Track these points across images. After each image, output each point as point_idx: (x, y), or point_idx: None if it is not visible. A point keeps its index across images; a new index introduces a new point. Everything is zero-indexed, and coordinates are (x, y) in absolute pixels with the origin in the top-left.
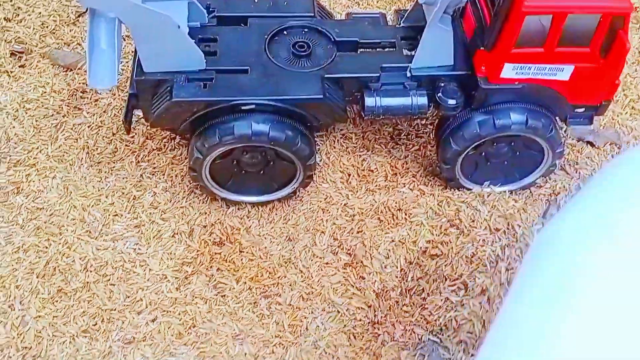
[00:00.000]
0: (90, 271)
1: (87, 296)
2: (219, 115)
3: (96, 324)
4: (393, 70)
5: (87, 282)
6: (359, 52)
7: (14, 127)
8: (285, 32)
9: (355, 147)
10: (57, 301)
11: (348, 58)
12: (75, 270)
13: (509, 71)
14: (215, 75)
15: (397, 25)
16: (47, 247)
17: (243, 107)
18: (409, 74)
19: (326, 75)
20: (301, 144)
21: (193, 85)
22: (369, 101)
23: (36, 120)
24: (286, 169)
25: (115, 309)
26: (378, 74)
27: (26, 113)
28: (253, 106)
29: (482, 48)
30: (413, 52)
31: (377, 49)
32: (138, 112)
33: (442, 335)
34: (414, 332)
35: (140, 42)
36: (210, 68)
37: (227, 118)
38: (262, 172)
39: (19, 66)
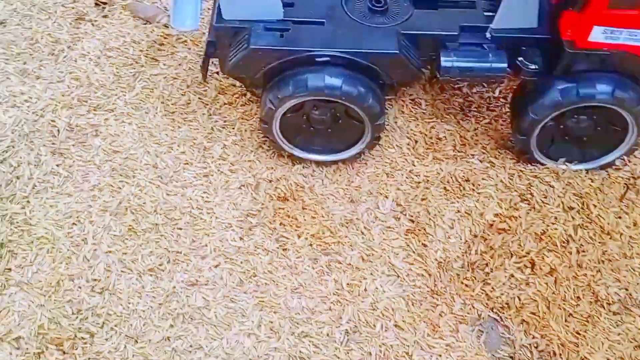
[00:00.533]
0: (160, 214)
1: (155, 237)
2: (293, 66)
3: (162, 264)
4: (472, 30)
5: (156, 224)
6: (437, 10)
7: (95, 72)
8: None
9: (424, 113)
10: (127, 239)
11: (426, 15)
12: (146, 212)
13: (598, 35)
14: (292, 25)
15: None
16: (120, 188)
17: (317, 59)
18: (488, 35)
19: (402, 32)
20: (372, 101)
21: (270, 34)
22: (446, 61)
23: (116, 68)
24: (354, 128)
25: (181, 252)
26: (456, 33)
27: (107, 60)
28: (328, 58)
29: (570, 8)
30: (494, 13)
31: (456, 8)
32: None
33: (503, 313)
34: (474, 307)
35: None
36: (287, 19)
37: (301, 70)
38: (329, 130)
39: (102, 16)
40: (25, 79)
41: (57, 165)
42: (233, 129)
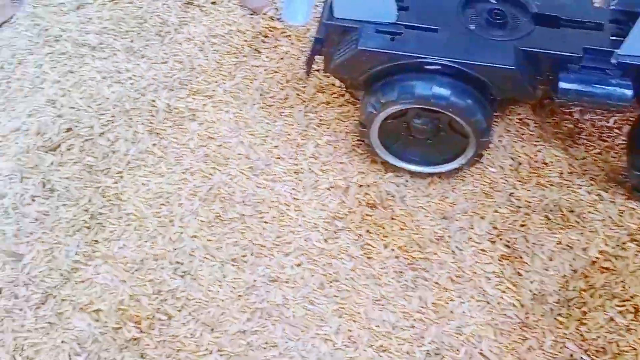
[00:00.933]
0: (248, 205)
1: (241, 228)
2: (401, 71)
3: (245, 255)
4: (596, 54)
5: (243, 215)
6: (559, 29)
7: (198, 58)
8: None
9: (531, 135)
10: (213, 226)
11: (547, 33)
12: (234, 201)
13: None
14: (404, 30)
15: (606, 7)
16: (211, 175)
17: (427, 67)
18: (614, 60)
19: (521, 47)
20: (480, 116)
21: (381, 37)
22: (564, 83)
23: (219, 56)
24: (456, 142)
25: (265, 246)
26: (579, 55)
27: (211, 47)
28: (439, 67)
29: None
30: (622, 38)
31: (580, 29)
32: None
33: (598, 357)
34: (566, 347)
35: None
36: (400, 22)
37: (408, 76)
38: (430, 140)
39: (211, 2)
40: (131, 57)
41: (153, 145)
42: (328, 128)
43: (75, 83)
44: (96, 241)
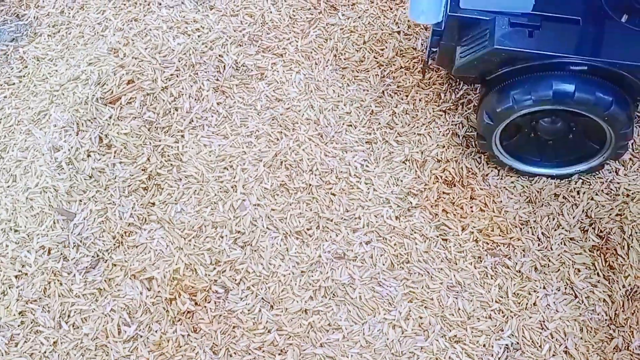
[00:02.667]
0: (315, 174)
1: (307, 198)
2: (538, 70)
3: (310, 228)
4: None
5: (310, 185)
6: None
7: (271, 12)
8: None
9: (637, 115)
10: (277, 195)
11: None
12: (301, 169)
13: None
14: (542, 22)
15: None
16: (278, 140)
17: (573, 67)
18: None
19: None
20: (630, 128)
21: (517, 32)
22: None
23: (293, 11)
24: (585, 147)
25: (332, 220)
26: None
27: (285, 1)
28: (585, 67)
29: None
30: None
31: None
32: None
33: None
34: None
35: None
36: (536, 12)
37: (546, 74)
38: (551, 142)
39: None
40: (199, 7)
41: (218, 104)
42: (406, 96)
43: (139, 32)
44: (152, 203)
